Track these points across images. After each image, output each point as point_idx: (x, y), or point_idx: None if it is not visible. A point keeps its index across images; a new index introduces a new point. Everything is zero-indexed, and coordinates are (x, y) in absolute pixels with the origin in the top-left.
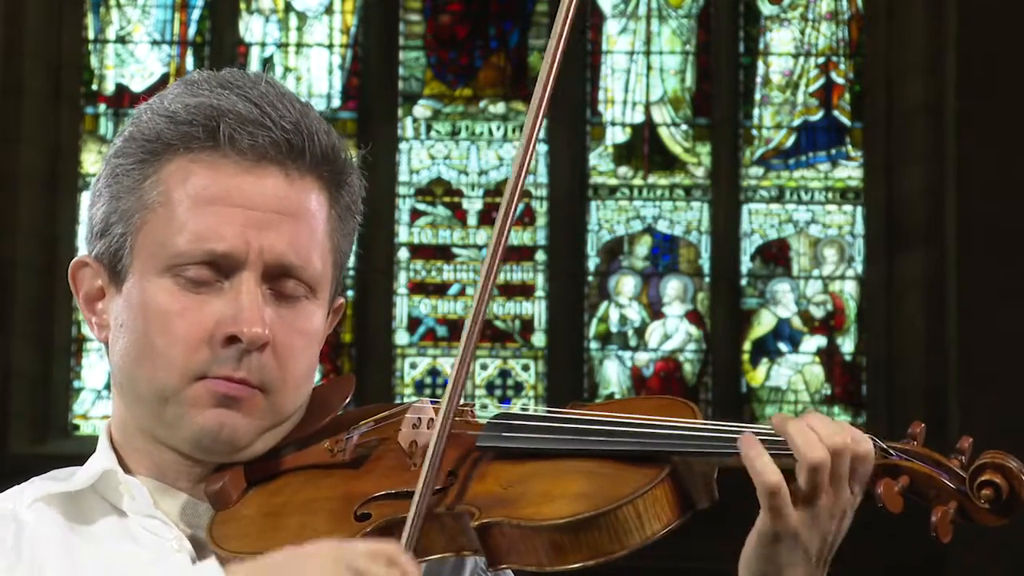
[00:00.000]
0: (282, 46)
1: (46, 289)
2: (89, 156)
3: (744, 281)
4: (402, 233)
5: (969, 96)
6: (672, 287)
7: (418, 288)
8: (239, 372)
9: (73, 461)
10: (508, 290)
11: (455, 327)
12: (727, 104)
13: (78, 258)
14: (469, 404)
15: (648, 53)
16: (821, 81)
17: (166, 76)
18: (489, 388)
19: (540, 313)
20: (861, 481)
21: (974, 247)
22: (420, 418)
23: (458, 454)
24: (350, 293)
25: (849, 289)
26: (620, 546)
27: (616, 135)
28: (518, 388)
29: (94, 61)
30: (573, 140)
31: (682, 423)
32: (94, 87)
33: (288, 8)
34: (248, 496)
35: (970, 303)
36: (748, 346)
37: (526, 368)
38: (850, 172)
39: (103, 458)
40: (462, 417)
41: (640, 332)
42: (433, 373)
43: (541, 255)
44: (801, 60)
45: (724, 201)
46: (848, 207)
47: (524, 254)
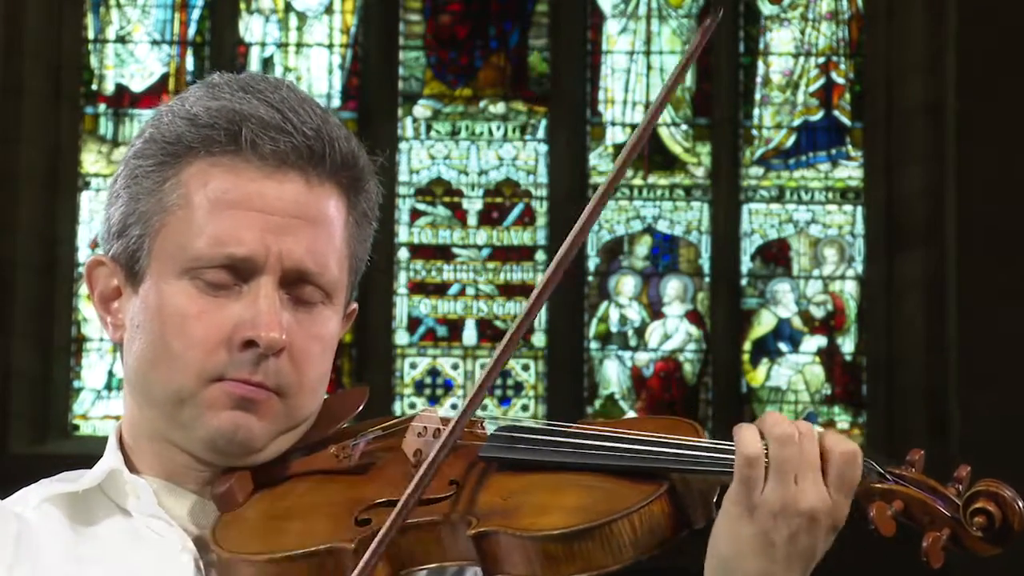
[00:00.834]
0: (282, 46)
1: (46, 289)
2: (89, 156)
3: (744, 281)
4: (402, 233)
5: (969, 96)
6: (672, 287)
7: (418, 288)
8: (256, 376)
9: (73, 461)
10: (508, 290)
11: (455, 327)
12: (727, 104)
13: (94, 257)
14: (479, 419)
15: (648, 53)
16: (821, 81)
17: (166, 76)
18: (489, 388)
19: (540, 313)
20: (837, 483)
21: (974, 247)
22: (426, 427)
23: (462, 464)
24: None
25: (849, 289)
26: (613, 560)
27: (616, 135)
28: (518, 388)
29: (94, 61)
30: (573, 140)
31: (683, 441)
32: (94, 87)
33: (288, 8)
34: (254, 499)
35: (970, 303)
36: (748, 346)
37: (526, 368)
38: (850, 172)
39: (110, 458)
40: (470, 429)
41: (640, 332)
42: (433, 373)
43: (541, 255)
44: (801, 60)
45: (724, 201)
46: (848, 207)
47: (524, 254)
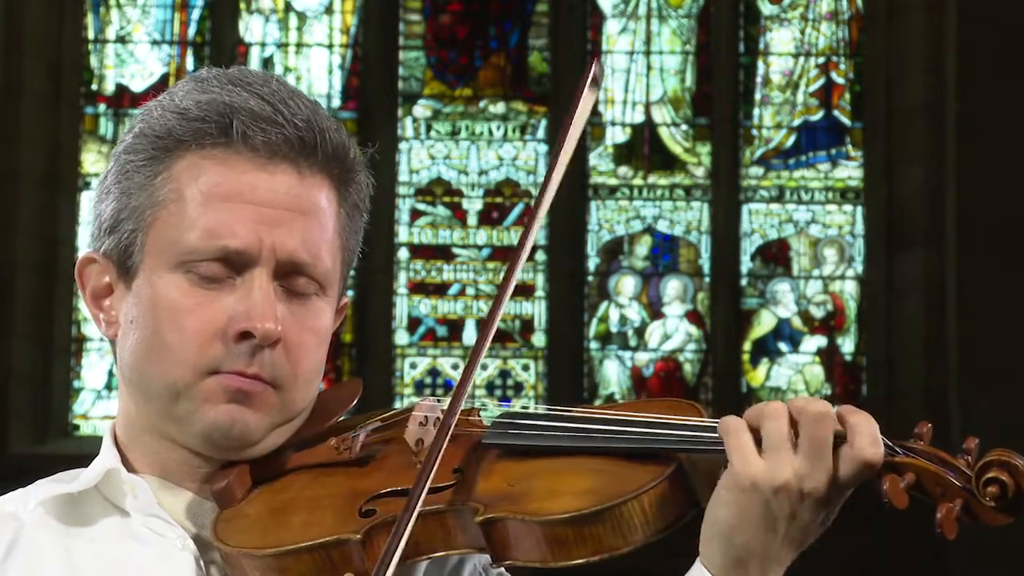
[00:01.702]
0: (282, 46)
1: (46, 289)
2: (89, 156)
3: (744, 281)
4: (402, 233)
5: (969, 96)
6: (672, 287)
7: (418, 288)
8: (251, 368)
9: (73, 461)
10: None
11: (455, 327)
12: (727, 104)
13: (85, 254)
14: (476, 408)
15: (648, 53)
16: (821, 81)
17: (166, 76)
18: (489, 388)
19: (540, 313)
20: (845, 481)
21: (974, 247)
22: (427, 416)
23: (464, 452)
24: (350, 293)
25: (849, 289)
26: (624, 542)
27: (616, 135)
28: (518, 388)
29: (94, 61)
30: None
31: (688, 421)
32: (94, 87)
33: (288, 8)
34: (253, 495)
35: (970, 303)
36: (748, 346)
37: (526, 368)
38: (850, 172)
39: (106, 458)
40: (468, 418)
41: (640, 332)
42: (433, 373)
43: (541, 255)
44: (801, 60)
45: (724, 201)
46: (848, 207)
47: None
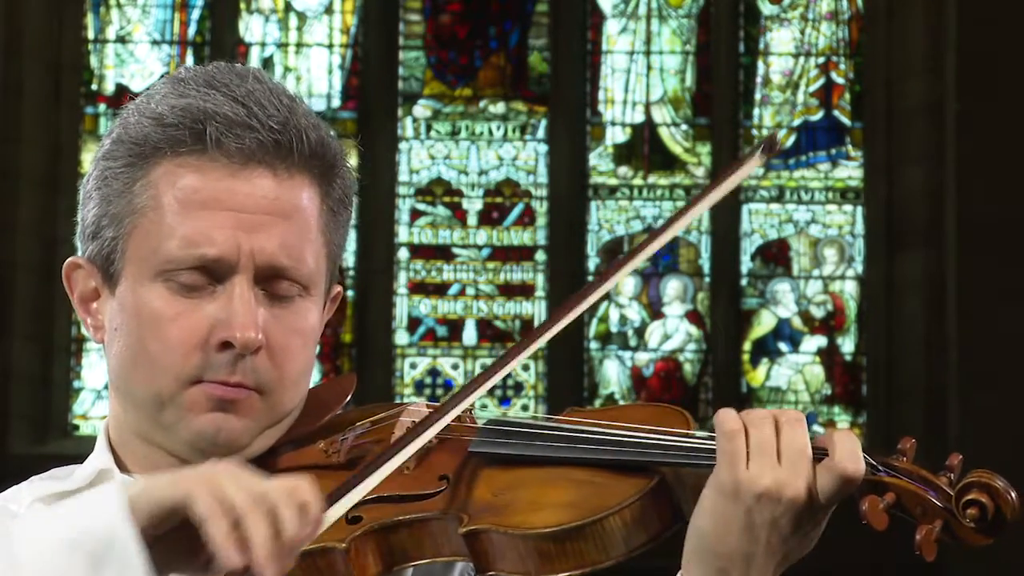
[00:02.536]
0: (282, 46)
1: (46, 290)
2: (89, 156)
3: (744, 281)
4: (402, 233)
5: (969, 96)
6: (672, 287)
7: (418, 288)
8: (234, 376)
9: (73, 461)
10: (508, 290)
11: (455, 327)
12: (727, 104)
13: (72, 259)
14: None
15: (648, 53)
16: (821, 81)
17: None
18: (489, 388)
19: (540, 313)
20: (834, 471)
21: (974, 247)
22: (415, 421)
23: (451, 459)
24: (350, 293)
25: (849, 289)
26: (606, 556)
27: (616, 135)
28: (518, 388)
29: (94, 61)
30: (573, 140)
31: (673, 433)
32: (94, 87)
33: (288, 8)
34: None
35: (970, 303)
36: (748, 346)
37: (526, 368)
38: (850, 172)
39: (100, 457)
40: (460, 422)
41: (640, 332)
42: (433, 373)
43: (541, 255)
44: (801, 60)
45: (724, 201)
46: (848, 207)
47: (524, 254)
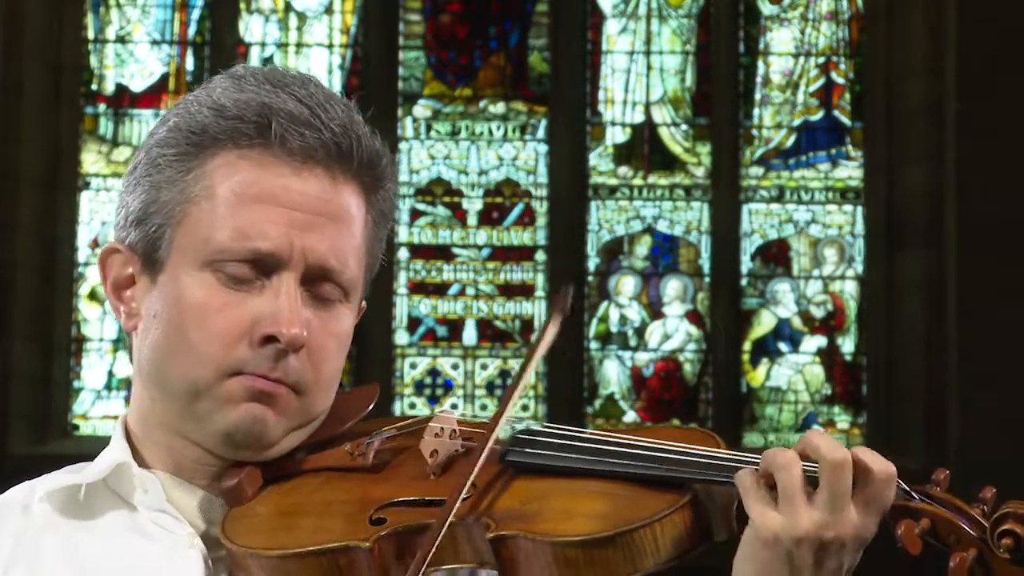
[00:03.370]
0: (282, 46)
1: (46, 289)
2: (89, 156)
3: (744, 281)
4: (402, 233)
5: (969, 96)
6: (672, 287)
7: (418, 288)
8: (275, 372)
9: (73, 461)
10: (508, 290)
11: (455, 327)
12: (727, 104)
13: (109, 244)
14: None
15: (648, 53)
16: (821, 81)
17: (166, 76)
18: (489, 388)
19: (540, 313)
20: (871, 505)
21: (974, 247)
22: (443, 428)
23: (481, 469)
24: None
25: (849, 289)
26: (633, 568)
27: (616, 135)
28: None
29: (94, 61)
30: (573, 140)
31: (707, 451)
32: (94, 87)
33: (288, 8)
34: (264, 494)
35: (970, 303)
36: (748, 346)
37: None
38: (850, 172)
39: (116, 451)
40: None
41: (640, 332)
42: (433, 373)
43: (541, 255)
44: (801, 60)
45: (724, 201)
46: (848, 207)
47: (524, 254)
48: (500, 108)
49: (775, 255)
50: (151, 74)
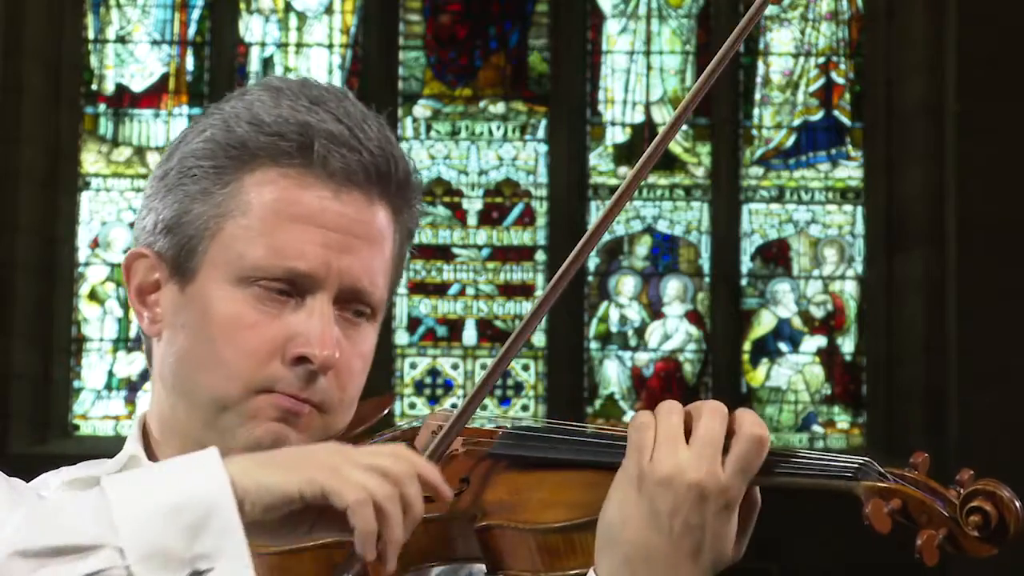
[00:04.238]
0: (282, 46)
1: (46, 289)
2: (89, 156)
3: (744, 281)
4: None
5: (969, 96)
6: (672, 287)
7: (418, 288)
8: (304, 392)
9: (73, 461)
10: (508, 290)
11: (455, 327)
12: (727, 104)
13: (137, 249)
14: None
15: (648, 53)
16: (821, 81)
17: (166, 76)
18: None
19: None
20: (736, 464)
21: (974, 247)
22: (440, 425)
23: (472, 463)
24: None
25: (849, 289)
26: None
27: (616, 135)
28: (518, 388)
29: (94, 61)
30: (573, 140)
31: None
32: (94, 87)
33: (288, 8)
34: None
35: (970, 303)
36: (748, 346)
37: (526, 368)
38: (850, 172)
39: (130, 446)
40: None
41: (640, 332)
42: (433, 373)
43: (541, 255)
44: (801, 60)
45: (724, 201)
46: (848, 207)
47: (524, 254)
48: (500, 108)
49: (775, 255)
50: (151, 74)
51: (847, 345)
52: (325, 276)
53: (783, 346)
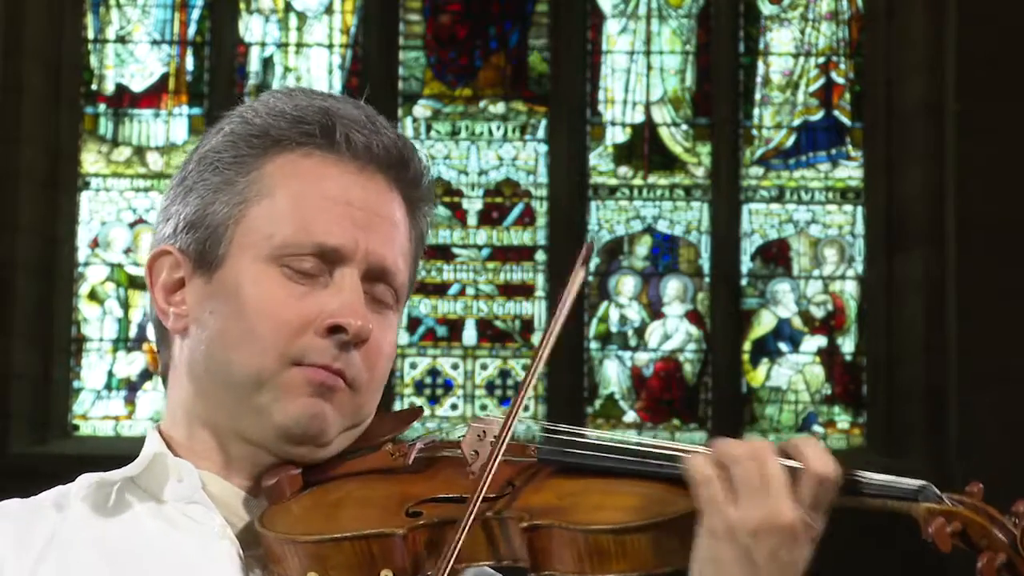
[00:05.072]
0: (282, 46)
1: (46, 289)
2: (89, 156)
3: (744, 281)
4: None
5: (969, 96)
6: (672, 287)
7: (418, 288)
8: (337, 363)
9: (73, 461)
10: (508, 290)
11: (455, 327)
12: (727, 104)
13: (160, 247)
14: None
15: (648, 53)
16: (821, 81)
17: (166, 76)
18: (489, 388)
19: (540, 313)
20: (811, 503)
21: (974, 247)
22: (485, 430)
23: (518, 468)
24: None
25: (849, 289)
26: (662, 561)
27: (616, 135)
28: (518, 388)
29: (94, 61)
30: (573, 140)
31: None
32: (94, 87)
33: (288, 8)
34: (303, 495)
35: (970, 303)
36: (748, 346)
37: (526, 368)
38: (850, 172)
39: (152, 447)
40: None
41: (640, 332)
42: (433, 373)
43: (541, 255)
44: (801, 60)
45: (724, 201)
46: (848, 207)
47: (524, 254)
48: (500, 108)
49: (775, 255)
50: (151, 74)
51: (847, 345)
52: (353, 251)
53: (783, 346)
